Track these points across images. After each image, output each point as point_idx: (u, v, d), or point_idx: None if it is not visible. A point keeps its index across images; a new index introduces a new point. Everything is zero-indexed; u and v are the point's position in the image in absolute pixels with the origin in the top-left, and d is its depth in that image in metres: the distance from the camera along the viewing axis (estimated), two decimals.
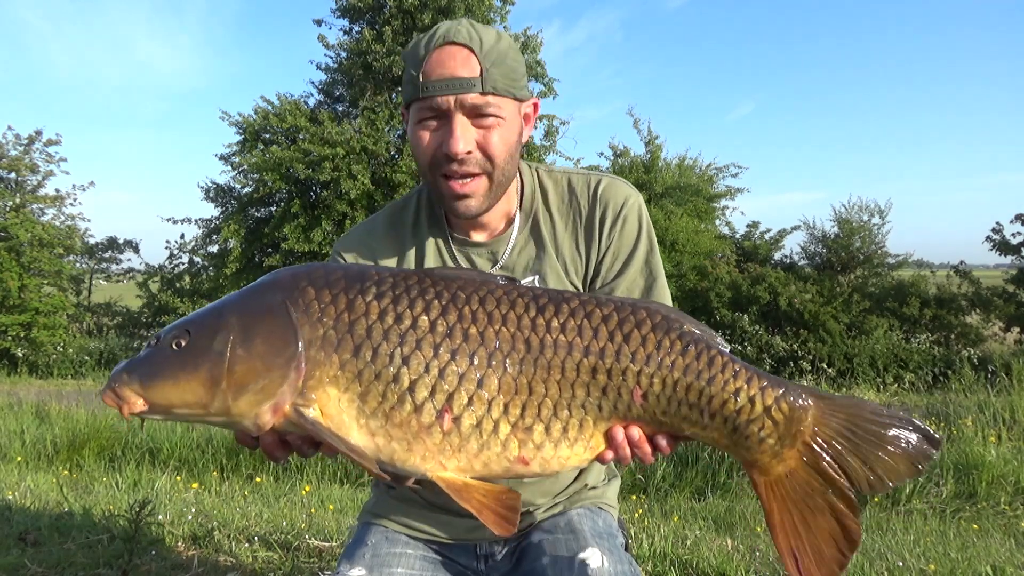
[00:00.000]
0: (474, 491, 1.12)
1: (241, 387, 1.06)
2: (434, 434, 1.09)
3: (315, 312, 1.10)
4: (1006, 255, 13.51)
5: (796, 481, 1.16)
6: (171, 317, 14.25)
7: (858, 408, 1.16)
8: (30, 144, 15.00)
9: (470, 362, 1.10)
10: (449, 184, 1.39)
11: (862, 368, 12.03)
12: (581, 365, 1.12)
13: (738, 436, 1.15)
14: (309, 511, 4.32)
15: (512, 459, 1.12)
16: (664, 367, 1.13)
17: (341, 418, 1.09)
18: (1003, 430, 6.06)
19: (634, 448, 1.16)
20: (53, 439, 6.74)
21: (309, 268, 1.17)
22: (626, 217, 1.50)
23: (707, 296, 13.39)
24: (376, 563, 1.47)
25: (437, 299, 1.12)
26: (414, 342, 1.09)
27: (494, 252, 1.52)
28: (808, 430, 1.15)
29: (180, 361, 1.08)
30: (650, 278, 1.50)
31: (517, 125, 1.43)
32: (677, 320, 1.17)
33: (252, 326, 1.09)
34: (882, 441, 1.14)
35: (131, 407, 1.08)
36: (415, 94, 1.36)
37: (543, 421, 1.12)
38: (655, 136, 16.27)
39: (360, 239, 1.57)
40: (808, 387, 1.19)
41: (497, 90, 1.35)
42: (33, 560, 3.17)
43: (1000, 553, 3.59)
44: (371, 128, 12.88)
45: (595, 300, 1.18)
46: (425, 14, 12.77)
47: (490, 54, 1.35)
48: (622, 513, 1.77)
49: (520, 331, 1.12)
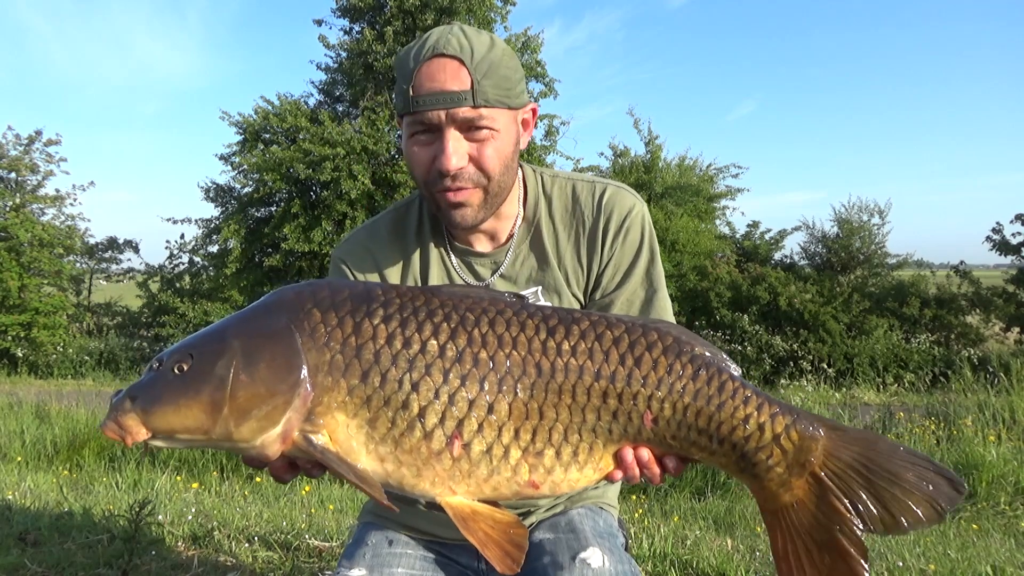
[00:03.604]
0: (481, 521, 1.10)
1: (244, 413, 1.04)
2: (444, 460, 1.08)
3: (321, 336, 1.07)
4: (1006, 255, 13.53)
5: (803, 512, 1.14)
6: (171, 317, 14.23)
7: (873, 443, 1.13)
8: (30, 144, 15.02)
9: (480, 387, 1.08)
10: (445, 195, 1.37)
11: (862, 368, 12.04)
12: (592, 389, 1.11)
13: (746, 463, 1.13)
14: (309, 511, 4.32)
15: (522, 483, 1.11)
16: (675, 392, 1.11)
17: (350, 444, 1.07)
18: (1003, 430, 6.06)
19: (643, 469, 1.15)
20: (53, 439, 6.74)
21: (313, 288, 1.15)
22: (629, 228, 1.49)
23: (707, 296, 13.41)
24: (376, 563, 1.46)
25: (446, 322, 1.10)
26: (423, 367, 1.07)
27: (496, 262, 1.51)
28: (818, 461, 1.12)
29: (182, 386, 1.05)
30: (650, 290, 1.48)
31: (513, 134, 1.41)
32: (688, 343, 1.15)
33: (256, 350, 1.07)
34: (898, 480, 1.10)
35: (134, 437, 1.06)
36: (406, 108, 1.34)
37: (554, 445, 1.11)
38: (655, 136, 16.32)
39: (363, 245, 1.55)
40: (822, 417, 1.16)
41: (489, 102, 1.32)
42: (33, 560, 3.17)
43: (1000, 553, 3.59)
44: (371, 128, 12.88)
45: (605, 321, 1.15)
46: (426, 14, 12.77)
47: (481, 65, 1.31)
48: (622, 513, 1.77)
49: (531, 355, 1.10)
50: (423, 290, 1.16)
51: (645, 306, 1.47)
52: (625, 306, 1.47)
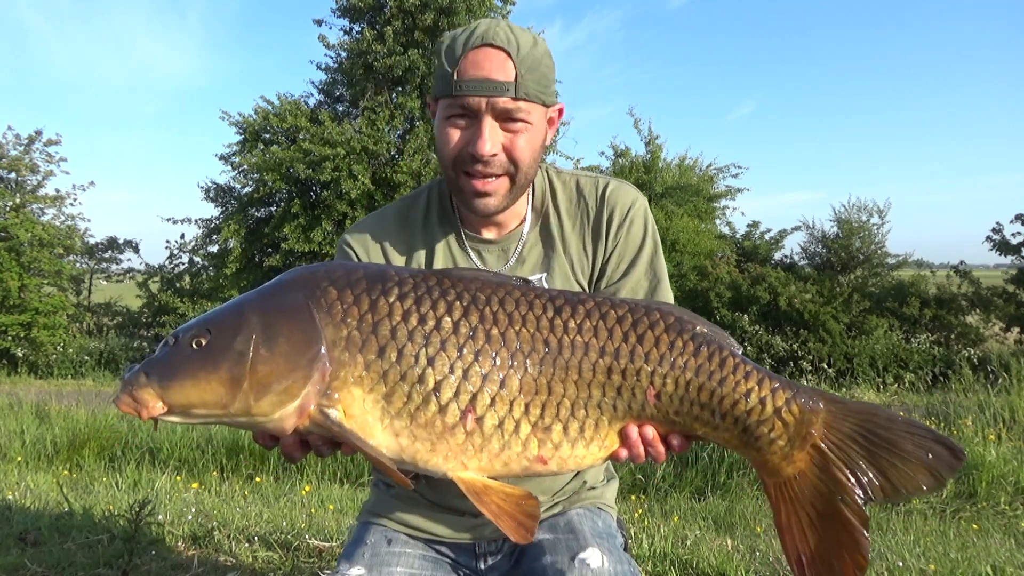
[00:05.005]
0: (493, 495, 1.12)
1: (264, 387, 1.05)
2: (458, 434, 1.10)
3: (338, 312, 1.10)
4: (1006, 255, 13.51)
5: (805, 484, 1.16)
6: (171, 317, 14.23)
7: (872, 413, 1.15)
8: (30, 144, 14.99)
9: (493, 363, 1.11)
10: (471, 181, 1.40)
11: (862, 368, 12.03)
12: (597, 365, 1.13)
13: (748, 437, 1.16)
14: (309, 511, 4.32)
15: (532, 458, 1.13)
16: (677, 368, 1.14)
17: (365, 418, 1.09)
18: (1003, 430, 6.06)
19: (648, 447, 1.18)
20: (53, 439, 6.74)
21: (328, 267, 1.17)
22: (632, 220, 1.52)
23: (707, 296, 13.39)
24: (375, 562, 1.47)
25: (459, 300, 1.13)
26: (439, 343, 1.10)
27: (505, 249, 1.54)
28: (819, 433, 1.15)
29: (201, 360, 1.06)
30: (654, 280, 1.52)
31: (543, 129, 1.45)
32: (690, 321, 1.18)
33: (274, 325, 1.08)
34: (897, 449, 1.12)
35: (150, 411, 1.05)
36: (447, 91, 1.37)
37: (561, 421, 1.13)
38: (655, 136, 16.30)
39: (370, 230, 1.57)
40: (821, 390, 1.19)
41: (529, 96, 1.36)
42: (33, 560, 3.17)
43: (1000, 553, 3.58)
44: (372, 128, 12.88)
45: (609, 301, 1.19)
46: (426, 14, 12.76)
47: (526, 59, 1.36)
48: (622, 513, 1.77)
49: (539, 332, 1.13)
50: (434, 272, 1.19)
51: (649, 295, 1.51)
52: (630, 295, 1.50)
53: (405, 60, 12.67)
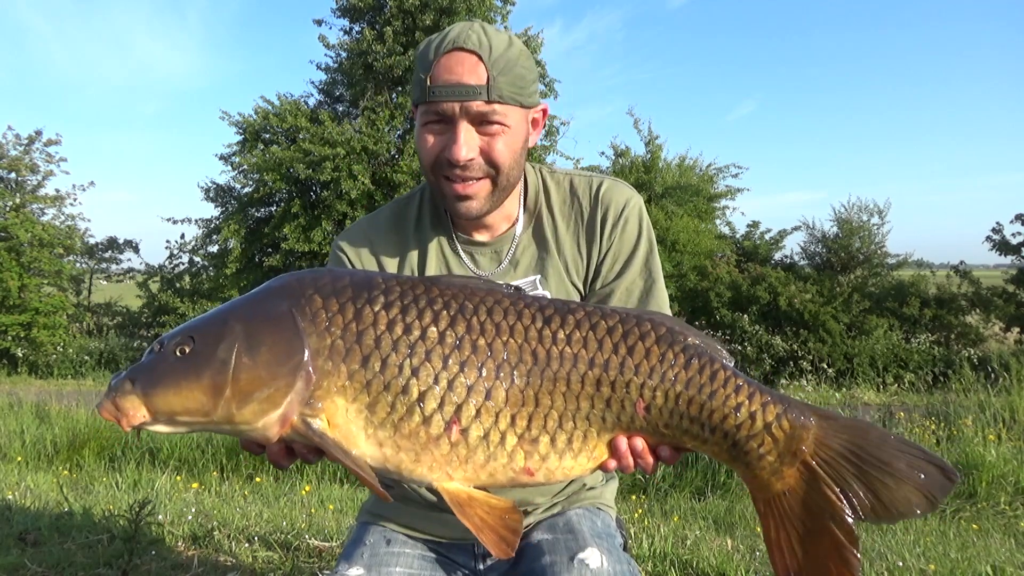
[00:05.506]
0: (477, 507, 1.11)
1: (246, 396, 1.05)
2: (442, 445, 1.09)
3: (322, 321, 1.09)
4: (1006, 255, 13.52)
5: (794, 500, 1.14)
6: (171, 317, 14.23)
7: (864, 431, 1.13)
8: (30, 144, 15.00)
9: (479, 374, 1.09)
10: (452, 185, 1.40)
11: (862, 368, 12.04)
12: (586, 377, 1.12)
13: (737, 452, 1.14)
14: (309, 511, 4.32)
15: (518, 470, 1.12)
16: (667, 380, 1.12)
17: (349, 428, 1.08)
18: (1003, 430, 6.05)
19: (637, 458, 1.16)
20: (53, 439, 6.74)
21: (315, 275, 1.16)
22: (627, 219, 1.51)
23: (707, 296, 13.40)
24: (375, 563, 1.47)
25: (445, 309, 1.11)
26: (423, 353, 1.08)
27: (498, 251, 1.53)
28: (809, 449, 1.13)
29: (184, 368, 1.06)
30: (649, 280, 1.51)
31: (523, 132, 1.44)
32: (681, 333, 1.16)
33: (257, 334, 1.07)
34: (889, 468, 1.10)
35: (131, 419, 1.05)
36: (422, 97, 1.37)
37: (549, 432, 1.12)
38: (655, 136, 16.29)
39: (363, 234, 1.57)
40: (813, 406, 1.16)
41: (503, 98, 1.35)
42: (33, 560, 3.17)
43: (1000, 553, 3.59)
44: (372, 128, 12.88)
45: (600, 311, 1.17)
46: (426, 14, 12.76)
47: (498, 62, 1.35)
48: (622, 513, 1.77)
49: (527, 342, 1.12)
50: (422, 279, 1.17)
51: (644, 296, 1.49)
52: (625, 295, 1.49)
53: (405, 60, 12.67)
